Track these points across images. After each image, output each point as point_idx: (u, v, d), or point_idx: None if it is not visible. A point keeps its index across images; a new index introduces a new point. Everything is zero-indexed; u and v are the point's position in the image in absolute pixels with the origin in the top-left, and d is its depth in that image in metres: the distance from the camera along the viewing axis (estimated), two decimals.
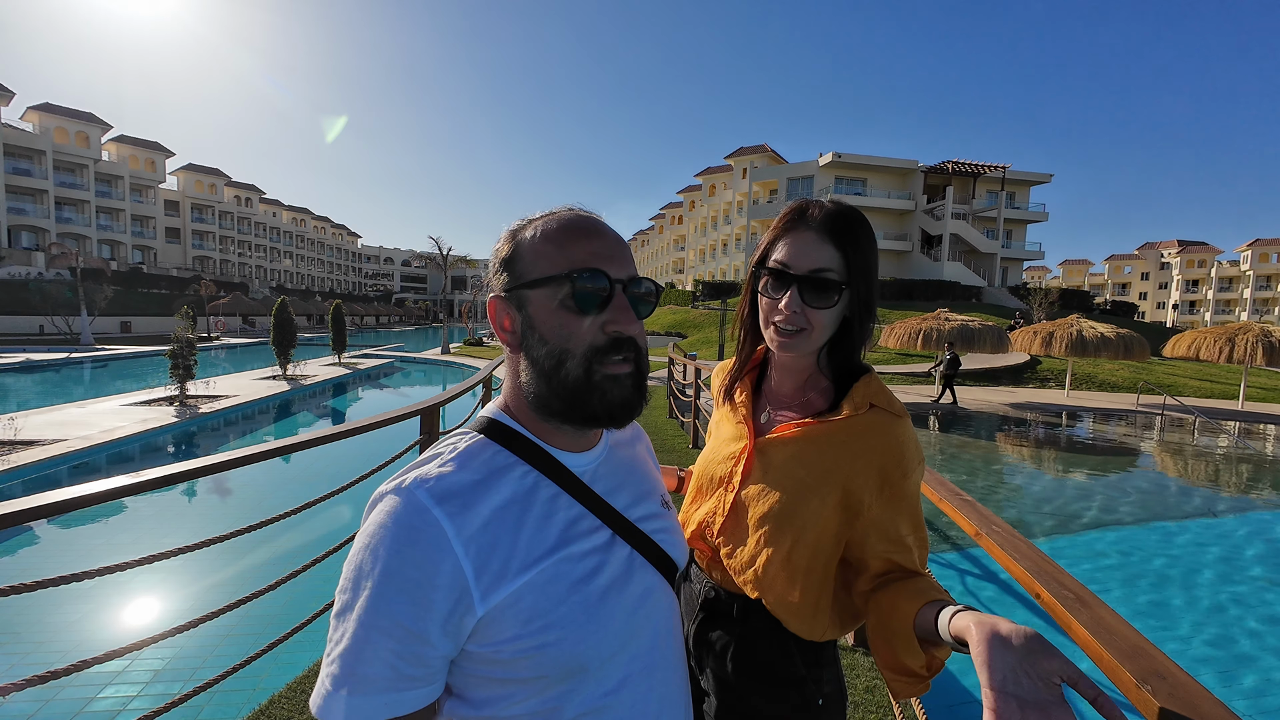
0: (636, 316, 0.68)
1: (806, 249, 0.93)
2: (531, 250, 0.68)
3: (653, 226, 75.73)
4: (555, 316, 0.66)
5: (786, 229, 0.97)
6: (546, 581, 0.62)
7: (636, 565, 0.71)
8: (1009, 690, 0.58)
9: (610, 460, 0.77)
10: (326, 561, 2.54)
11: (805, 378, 1.03)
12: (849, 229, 0.95)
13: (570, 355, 0.65)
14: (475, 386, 4.86)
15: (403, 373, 20.18)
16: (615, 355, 0.66)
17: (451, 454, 0.66)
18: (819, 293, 0.92)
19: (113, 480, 1.61)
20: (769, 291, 0.97)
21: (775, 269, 0.95)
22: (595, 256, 0.66)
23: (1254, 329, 14.05)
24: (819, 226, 0.94)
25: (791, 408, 1.02)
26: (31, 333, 30.62)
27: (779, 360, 1.05)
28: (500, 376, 0.61)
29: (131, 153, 52.08)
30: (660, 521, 0.78)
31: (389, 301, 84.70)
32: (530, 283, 0.67)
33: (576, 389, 0.66)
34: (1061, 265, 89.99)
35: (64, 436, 7.76)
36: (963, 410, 13.27)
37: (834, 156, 40.94)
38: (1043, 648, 0.59)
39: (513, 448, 0.68)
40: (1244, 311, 69.11)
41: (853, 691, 2.62)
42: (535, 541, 0.63)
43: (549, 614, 0.61)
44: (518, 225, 0.71)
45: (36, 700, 2.81)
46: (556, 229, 0.68)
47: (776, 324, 0.96)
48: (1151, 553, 5.45)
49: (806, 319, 0.93)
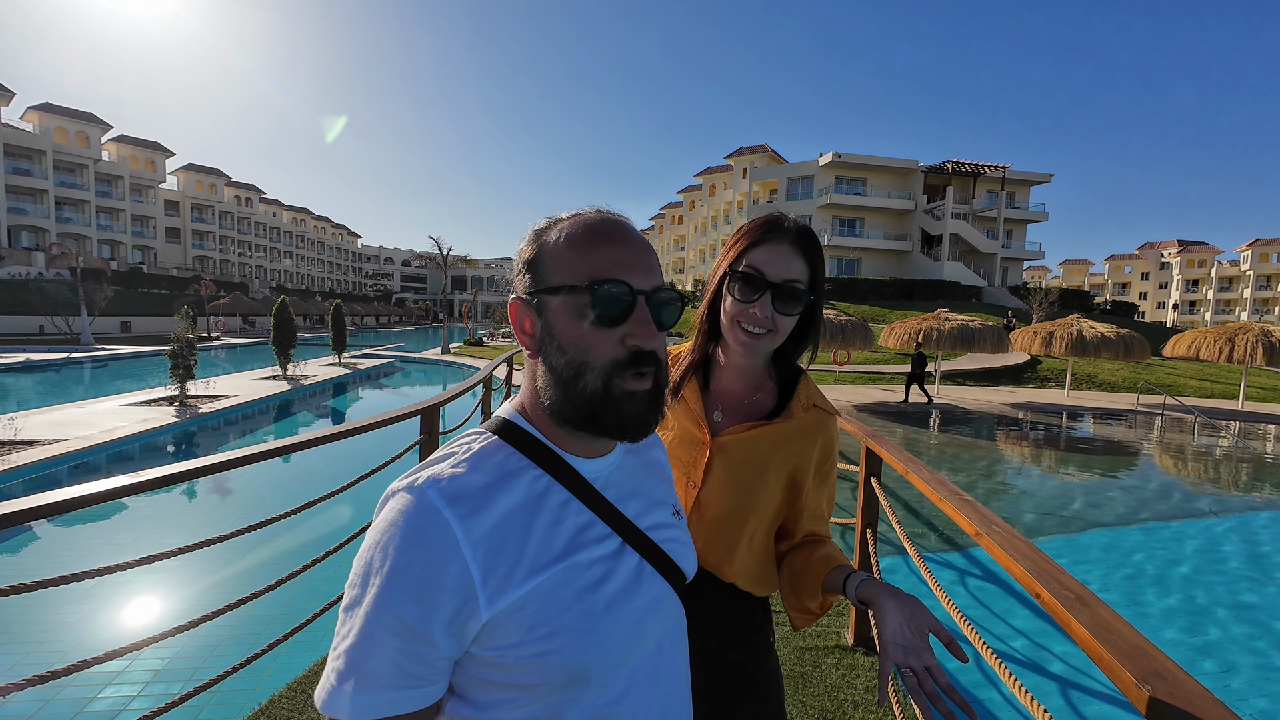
0: (659, 328, 0.66)
1: (782, 260, 1.03)
2: (554, 254, 0.66)
3: (653, 226, 75.74)
4: (574, 326, 0.64)
5: (762, 239, 1.05)
6: (553, 588, 0.62)
7: (645, 574, 0.71)
8: (897, 640, 0.83)
9: (624, 467, 0.76)
10: (326, 562, 2.54)
11: (755, 378, 1.13)
12: (816, 246, 1.06)
13: (589, 368, 0.64)
14: (475, 386, 4.86)
15: (403, 373, 20.17)
16: (635, 369, 0.65)
17: (465, 454, 0.66)
18: (790, 300, 1.03)
19: (113, 480, 1.61)
20: (739, 294, 1.04)
21: (749, 274, 1.03)
22: (618, 265, 0.64)
23: (1254, 329, 14.06)
24: (793, 240, 1.04)
25: (742, 408, 1.13)
26: (31, 333, 30.61)
27: (734, 361, 1.12)
28: (500, 377, 0.61)
29: (131, 153, 52.11)
30: (671, 531, 0.78)
31: (389, 301, 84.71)
32: (551, 289, 0.65)
33: (593, 402, 0.65)
34: (1061, 265, 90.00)
35: (64, 436, 7.76)
36: (961, 410, 13.27)
37: (834, 156, 40.92)
38: (921, 611, 0.84)
39: (526, 451, 0.68)
40: (1244, 311, 69.12)
41: (852, 691, 2.63)
42: (543, 547, 0.63)
43: (553, 621, 0.61)
44: (543, 225, 0.70)
45: (36, 700, 2.81)
46: (581, 234, 0.66)
47: (745, 326, 1.04)
48: (1152, 552, 5.45)
49: (774, 323, 1.03)
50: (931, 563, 4.97)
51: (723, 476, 1.08)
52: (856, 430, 3.00)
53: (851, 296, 35.59)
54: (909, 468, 2.21)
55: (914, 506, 6.30)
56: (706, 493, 1.09)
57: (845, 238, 41.56)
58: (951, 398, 14.92)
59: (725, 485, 1.08)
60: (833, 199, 40.81)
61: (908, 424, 11.73)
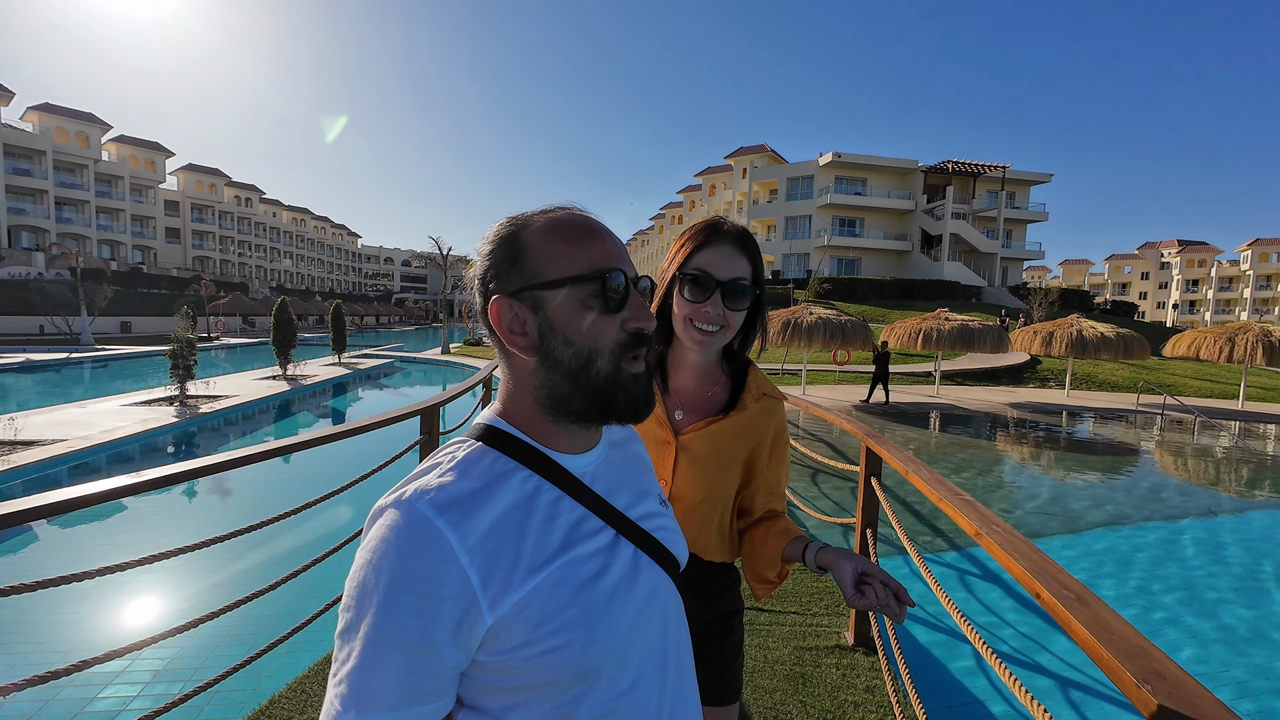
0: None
1: (727, 260, 1.10)
2: (544, 250, 0.67)
3: (653, 226, 75.71)
4: (581, 317, 0.66)
5: (705, 242, 1.12)
6: (553, 585, 0.62)
7: (642, 564, 0.71)
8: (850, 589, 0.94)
9: (609, 461, 0.77)
10: (326, 562, 2.55)
11: (710, 374, 1.22)
12: (754, 246, 1.15)
13: (599, 354, 0.66)
14: (475, 386, 4.87)
15: (403, 373, 20.17)
16: (634, 351, 0.68)
17: (451, 463, 0.65)
18: (737, 297, 1.11)
19: (113, 480, 1.62)
20: (691, 296, 1.12)
21: (698, 275, 1.10)
22: (612, 257, 0.68)
23: (1254, 329, 14.05)
24: (734, 241, 1.12)
25: (699, 403, 1.21)
26: (31, 333, 30.60)
27: (688, 359, 1.20)
28: (500, 377, 0.62)
29: (131, 153, 52.08)
30: (661, 519, 0.79)
31: (389, 301, 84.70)
32: (550, 283, 0.66)
33: (605, 387, 0.67)
34: (1061, 265, 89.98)
35: (64, 436, 7.77)
36: (961, 410, 13.27)
37: (834, 156, 40.92)
38: (866, 564, 0.95)
39: (511, 453, 0.68)
40: (1244, 311, 69.10)
41: (852, 691, 2.63)
42: (540, 546, 0.63)
43: (557, 617, 0.61)
44: (513, 224, 0.69)
45: (36, 700, 2.81)
46: (571, 229, 0.68)
47: (698, 324, 1.11)
48: (1152, 552, 5.45)
49: (726, 319, 1.11)
50: (931, 563, 4.97)
51: (690, 472, 1.18)
52: (856, 430, 3.00)
53: (851, 296, 35.59)
54: (909, 468, 2.21)
55: (914, 506, 6.29)
56: (677, 488, 1.18)
57: (845, 238, 41.55)
58: (951, 398, 14.91)
59: (693, 479, 1.18)
60: (833, 199, 40.80)
61: (908, 424, 11.73)
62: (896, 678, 2.59)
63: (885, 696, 2.57)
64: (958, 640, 3.59)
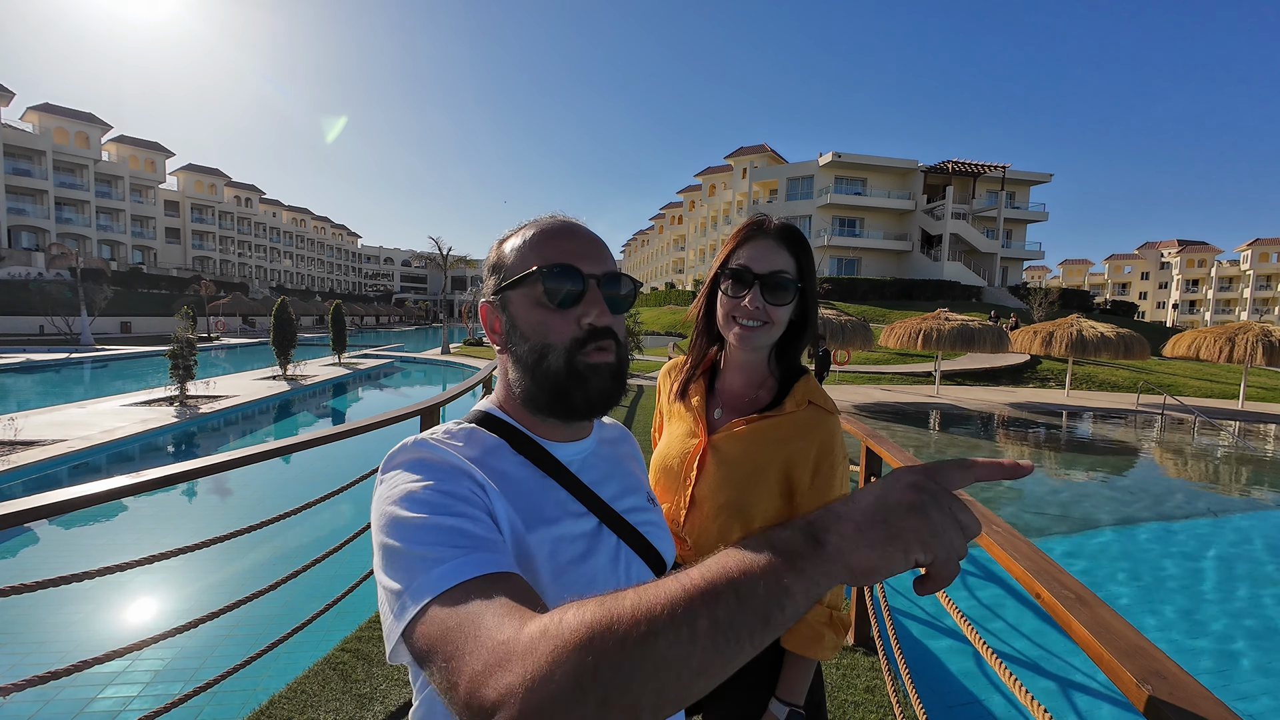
0: (613, 310, 0.71)
1: (767, 254, 1.08)
2: (512, 254, 0.72)
3: (653, 226, 75.71)
4: (534, 313, 0.69)
5: (746, 239, 1.10)
6: (549, 554, 0.64)
7: (624, 556, 0.72)
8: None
9: (598, 454, 0.78)
10: (326, 562, 2.54)
11: (757, 376, 1.16)
12: (800, 239, 1.10)
13: (551, 349, 0.68)
14: (475, 386, 4.86)
15: (403, 373, 20.16)
16: (594, 343, 0.69)
17: (448, 436, 0.69)
18: (778, 290, 1.07)
19: (113, 480, 1.62)
20: (732, 292, 1.09)
21: (738, 270, 1.08)
22: (567, 254, 0.69)
23: (1254, 329, 14.05)
24: (776, 236, 1.09)
25: (741, 404, 1.15)
26: (31, 333, 30.60)
27: (735, 359, 1.16)
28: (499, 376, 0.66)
29: (131, 153, 52.08)
30: (647, 515, 0.79)
31: (389, 302, 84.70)
32: (511, 284, 0.70)
33: (558, 380, 0.68)
34: (1061, 265, 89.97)
35: (64, 437, 7.76)
36: (961, 410, 13.27)
37: (834, 156, 40.91)
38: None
39: (503, 435, 0.71)
40: (1244, 311, 69.09)
41: (853, 691, 2.63)
42: (535, 510, 0.65)
43: (549, 587, 0.62)
44: (505, 234, 0.76)
45: (37, 700, 2.80)
46: (534, 233, 0.72)
47: (739, 319, 1.08)
48: (1151, 552, 5.45)
49: (767, 314, 1.07)
50: None
51: (716, 474, 1.10)
52: (856, 430, 3.00)
53: (851, 296, 35.57)
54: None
55: None
56: (700, 489, 1.11)
57: (845, 238, 41.54)
58: (951, 398, 14.91)
59: (718, 482, 1.10)
60: (832, 199, 40.79)
61: (908, 424, 11.73)
62: (896, 678, 2.58)
63: (885, 696, 2.57)
64: (958, 640, 3.59)
